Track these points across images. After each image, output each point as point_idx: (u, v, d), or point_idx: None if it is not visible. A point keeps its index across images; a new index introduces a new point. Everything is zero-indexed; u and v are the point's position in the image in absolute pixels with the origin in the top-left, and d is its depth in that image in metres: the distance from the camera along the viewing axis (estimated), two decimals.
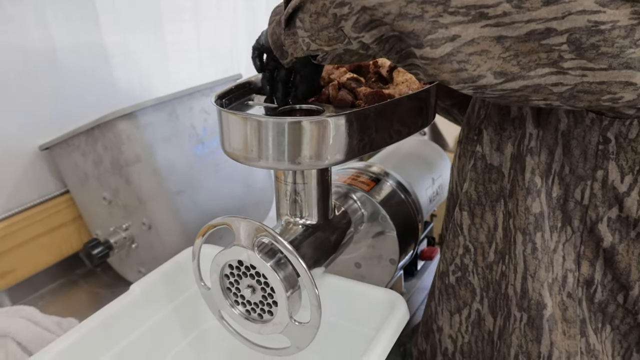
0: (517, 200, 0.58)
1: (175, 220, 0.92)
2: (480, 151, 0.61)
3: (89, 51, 1.04)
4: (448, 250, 0.67)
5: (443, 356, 0.71)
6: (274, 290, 0.62)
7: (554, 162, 0.56)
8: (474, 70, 0.45)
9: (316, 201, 0.70)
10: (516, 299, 0.60)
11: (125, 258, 0.99)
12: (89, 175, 0.95)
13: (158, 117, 0.92)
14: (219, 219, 0.64)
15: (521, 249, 0.59)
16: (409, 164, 0.90)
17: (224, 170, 1.01)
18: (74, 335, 0.65)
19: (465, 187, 0.63)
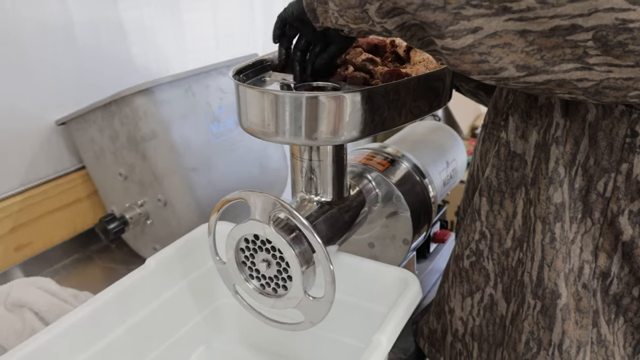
0: (539, 189, 0.58)
1: (190, 197, 0.92)
2: (504, 138, 0.61)
3: (106, 27, 1.04)
4: (464, 235, 0.67)
5: (453, 337, 0.71)
6: (289, 265, 0.62)
7: (579, 152, 0.56)
8: (495, 62, 0.45)
9: (331, 179, 0.70)
10: (531, 287, 0.60)
11: (140, 234, 1.00)
12: (105, 150, 0.96)
13: (174, 93, 0.92)
14: (234, 194, 0.64)
15: (540, 238, 0.58)
16: (423, 147, 0.90)
17: (239, 150, 1.01)
18: (90, 307, 0.66)
19: (487, 173, 0.63)
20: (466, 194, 0.72)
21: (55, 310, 0.72)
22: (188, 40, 1.21)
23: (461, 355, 0.70)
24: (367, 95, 0.59)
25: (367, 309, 0.73)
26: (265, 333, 0.83)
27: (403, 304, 0.64)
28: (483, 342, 0.67)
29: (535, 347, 0.61)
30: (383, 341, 0.59)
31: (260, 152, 1.07)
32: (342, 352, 0.77)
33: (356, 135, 0.61)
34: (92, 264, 1.03)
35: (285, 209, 0.59)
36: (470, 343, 0.69)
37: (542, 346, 0.60)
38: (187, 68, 0.96)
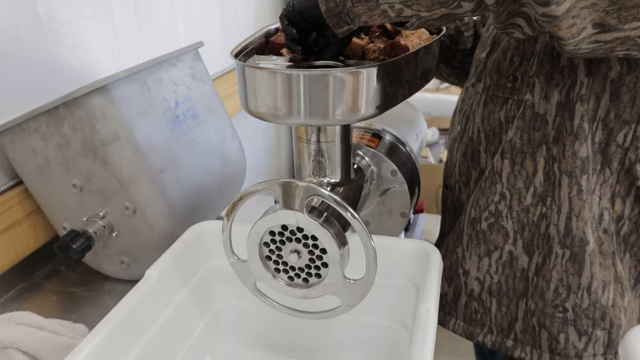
0: (564, 146, 0.61)
1: (162, 201, 0.85)
2: (530, 99, 0.63)
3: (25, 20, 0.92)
4: (483, 198, 0.68)
5: (468, 297, 0.73)
6: (324, 251, 0.60)
7: (600, 108, 0.60)
8: (580, 23, 0.47)
9: (340, 160, 0.68)
10: (559, 237, 0.64)
11: (102, 249, 0.91)
12: (52, 161, 0.85)
13: (131, 90, 0.84)
14: (258, 185, 0.60)
15: (566, 191, 0.62)
16: (399, 122, 0.90)
17: (200, 145, 0.95)
18: (103, 331, 0.59)
19: (510, 135, 0.65)
20: (463, 157, 0.74)
21: (47, 346, 0.63)
22: (118, 37, 1.12)
23: (477, 313, 0.73)
24: (387, 68, 0.58)
25: (383, 285, 0.73)
26: (266, 330, 0.80)
27: (434, 273, 0.65)
28: (502, 296, 0.70)
29: (565, 292, 0.65)
30: (432, 309, 0.59)
31: (219, 145, 1.01)
32: (359, 333, 0.76)
33: (373, 112, 0.60)
34: (44, 291, 0.92)
35: (319, 192, 0.57)
36: (487, 300, 0.71)
37: (572, 290, 0.65)
38: (117, 66, 0.88)
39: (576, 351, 0.67)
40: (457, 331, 0.76)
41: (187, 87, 0.97)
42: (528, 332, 0.70)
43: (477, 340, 0.74)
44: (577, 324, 0.66)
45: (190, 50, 0.98)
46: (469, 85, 0.75)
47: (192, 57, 1.01)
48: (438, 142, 2.02)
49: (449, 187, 0.80)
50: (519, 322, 0.70)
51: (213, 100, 1.04)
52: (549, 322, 0.68)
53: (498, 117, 0.68)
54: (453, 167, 0.78)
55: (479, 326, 0.74)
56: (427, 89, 2.26)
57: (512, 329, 0.71)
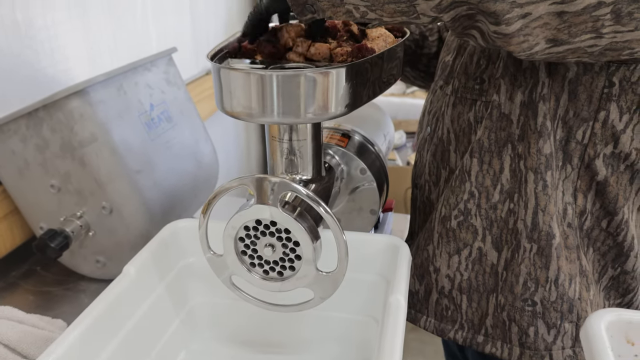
0: (528, 143, 0.65)
1: (138, 201, 0.87)
2: (497, 100, 0.67)
3: (2, 28, 0.93)
4: (453, 196, 0.72)
5: (439, 294, 0.76)
6: (297, 244, 0.63)
7: (559, 107, 0.64)
8: (533, 40, 0.51)
9: (311, 157, 0.71)
10: (526, 232, 0.67)
11: (78, 249, 0.92)
12: (31, 162, 0.86)
13: (108, 93, 0.86)
14: (233, 182, 0.62)
15: (532, 187, 0.66)
16: (366, 122, 0.94)
17: (174, 147, 0.98)
18: (82, 325, 0.61)
19: (479, 135, 0.69)
20: (433, 157, 0.78)
21: (28, 339, 0.65)
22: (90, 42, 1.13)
23: (448, 310, 0.76)
24: (355, 69, 0.62)
25: (354, 280, 0.76)
26: (240, 326, 0.83)
27: (403, 265, 0.68)
28: (473, 292, 0.73)
29: (533, 285, 0.68)
30: (401, 300, 0.62)
31: (192, 147, 1.04)
32: (331, 328, 0.79)
33: (343, 111, 0.63)
34: (21, 290, 0.93)
35: (293, 188, 0.60)
36: (458, 296, 0.74)
37: (540, 284, 0.68)
38: (92, 69, 0.90)
39: (545, 344, 0.70)
40: (429, 328, 0.79)
41: (161, 91, 0.99)
42: (498, 327, 0.73)
43: (449, 336, 0.76)
44: (546, 317, 0.69)
45: (164, 55, 1.01)
46: (437, 87, 0.79)
47: (166, 62, 1.03)
48: (405, 145, 2.07)
49: (418, 186, 0.83)
50: (490, 317, 0.73)
51: (186, 104, 1.06)
52: (519, 315, 0.70)
53: (467, 118, 0.72)
54: (423, 167, 0.81)
55: (450, 323, 0.76)
56: (394, 93, 2.32)
57: (483, 325, 0.74)
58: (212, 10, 1.67)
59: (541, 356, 0.70)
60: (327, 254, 0.66)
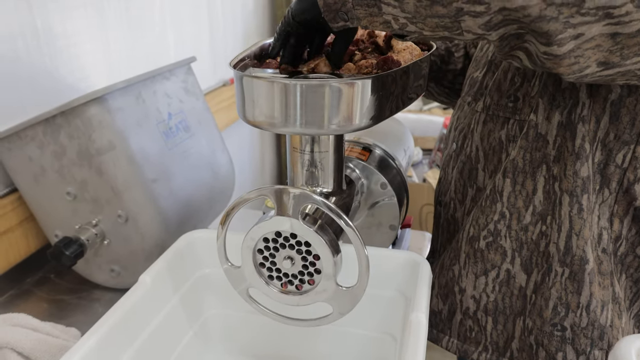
0: (565, 165, 0.63)
1: (154, 210, 0.86)
2: (534, 120, 0.65)
3: (22, 36, 0.94)
4: (482, 216, 0.70)
5: (463, 315, 0.74)
6: (317, 258, 0.61)
7: (599, 130, 0.62)
8: (584, 62, 0.50)
9: (333, 170, 0.70)
10: (558, 256, 0.65)
11: (93, 257, 0.91)
12: (47, 169, 0.86)
13: (126, 101, 0.86)
14: (253, 192, 0.61)
15: (567, 210, 0.64)
16: (387, 137, 0.93)
17: (191, 157, 0.97)
18: (97, 334, 0.60)
19: (513, 154, 0.67)
20: (460, 174, 0.76)
21: (42, 347, 0.64)
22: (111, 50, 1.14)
23: (472, 331, 0.74)
24: (381, 81, 0.61)
25: (372, 296, 0.74)
26: (254, 340, 0.81)
27: (424, 283, 0.66)
28: (499, 315, 0.71)
29: (564, 310, 0.66)
30: (422, 318, 0.61)
31: (209, 157, 1.03)
32: (348, 344, 0.77)
33: (367, 123, 0.62)
34: (35, 298, 0.92)
35: (315, 200, 0.59)
36: (483, 318, 0.72)
37: (571, 309, 0.66)
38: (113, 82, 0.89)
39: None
40: (451, 349, 0.77)
41: (179, 100, 0.99)
42: (525, 351, 0.70)
43: (472, 358, 0.74)
44: (576, 343, 0.67)
45: (183, 64, 1.01)
46: (464, 103, 0.77)
47: (185, 71, 1.03)
48: (422, 161, 2.05)
49: (442, 204, 0.82)
50: (516, 340, 0.71)
51: (204, 114, 1.06)
52: (547, 340, 0.68)
53: (499, 136, 0.70)
54: (448, 184, 0.79)
55: (473, 344, 0.74)
56: (410, 109, 2.31)
57: (509, 347, 0.72)
58: (230, 22, 1.68)
59: None
60: (345, 268, 0.64)
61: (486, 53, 0.76)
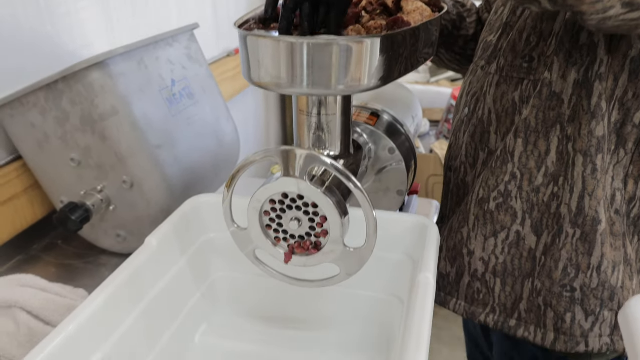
0: (579, 125, 0.62)
1: (159, 176, 0.86)
2: (548, 78, 0.64)
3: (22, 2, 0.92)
4: (493, 178, 0.69)
5: (471, 277, 0.74)
6: (325, 219, 0.61)
7: (617, 88, 0.61)
8: (608, 2, 0.48)
9: (340, 133, 0.69)
10: (570, 217, 0.65)
11: (99, 223, 0.91)
12: (51, 135, 0.85)
13: (128, 66, 0.85)
14: (258, 154, 0.61)
15: (580, 170, 0.63)
16: (395, 104, 0.92)
17: (195, 124, 0.96)
18: (104, 294, 0.60)
19: (525, 114, 0.66)
20: (471, 140, 0.75)
21: (51, 307, 0.64)
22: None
23: (480, 293, 0.74)
24: (390, 41, 0.59)
25: (380, 258, 0.74)
26: (261, 302, 0.81)
27: (432, 245, 0.66)
28: (507, 277, 0.71)
29: (574, 271, 0.66)
30: (430, 278, 0.61)
31: (214, 125, 1.02)
32: (354, 306, 0.78)
33: (375, 84, 0.61)
34: (43, 263, 0.93)
35: (322, 161, 0.58)
36: (491, 280, 0.72)
37: (581, 270, 0.66)
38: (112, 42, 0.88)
39: (582, 331, 0.68)
40: (458, 311, 0.77)
41: (183, 67, 0.98)
42: (533, 312, 0.70)
43: (479, 320, 0.74)
44: (585, 303, 0.67)
45: (186, 31, 0.99)
46: (477, 68, 0.76)
47: (188, 38, 1.02)
48: (429, 133, 2.04)
49: (452, 169, 0.81)
50: (524, 301, 0.71)
51: (208, 81, 1.05)
52: (556, 301, 0.68)
53: (512, 98, 0.69)
54: (459, 149, 0.79)
55: (481, 306, 0.74)
56: (418, 81, 2.28)
57: (516, 309, 0.72)
58: None
59: (577, 342, 0.68)
60: (353, 231, 0.64)
61: (501, 16, 0.74)
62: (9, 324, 0.62)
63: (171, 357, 0.71)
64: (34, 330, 0.62)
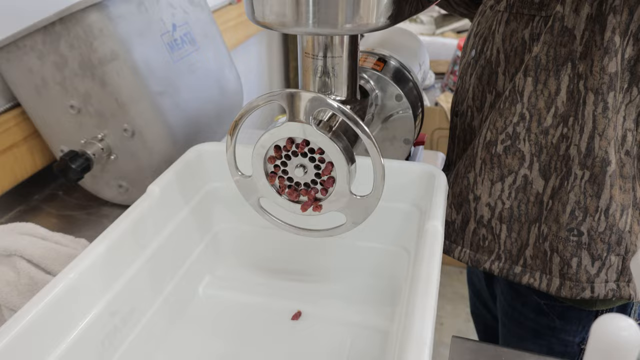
0: (592, 61, 0.59)
1: (161, 124, 0.84)
2: (560, 11, 0.61)
3: None
4: (501, 119, 0.67)
5: (477, 224, 0.73)
6: (332, 165, 0.59)
7: (632, 22, 0.57)
8: None
9: (346, 77, 0.66)
10: (579, 158, 0.63)
11: (100, 173, 0.90)
12: (49, 81, 0.83)
13: (128, 9, 0.81)
14: (262, 98, 0.58)
15: (591, 109, 0.60)
16: (402, 50, 0.89)
17: (198, 72, 0.93)
18: (106, 241, 0.58)
19: (536, 51, 0.63)
20: (478, 82, 0.73)
21: (51, 255, 0.63)
22: None
23: (485, 240, 0.73)
24: None
25: (386, 208, 0.72)
26: (265, 254, 0.80)
27: (440, 193, 0.64)
28: (513, 222, 0.70)
29: (581, 215, 0.64)
30: (438, 226, 0.59)
31: (217, 73, 0.99)
32: (360, 257, 0.77)
33: (384, 23, 0.58)
34: (43, 214, 0.92)
35: (329, 104, 0.56)
36: (497, 226, 0.71)
37: (589, 213, 0.64)
38: None
39: (588, 276, 0.67)
40: (463, 259, 0.76)
41: (184, 11, 0.94)
42: (539, 258, 0.69)
43: (484, 267, 0.73)
44: (592, 248, 0.66)
45: None
46: (486, 8, 0.73)
47: None
48: (434, 85, 2.00)
49: (459, 114, 0.79)
50: (530, 247, 0.70)
51: (210, 27, 1.01)
52: (562, 246, 0.67)
53: (522, 36, 0.66)
54: (465, 92, 0.76)
55: (486, 253, 0.73)
56: (423, 32, 2.23)
57: (522, 255, 0.71)
58: None
59: (582, 288, 0.67)
60: (358, 180, 0.62)
61: None
62: (9, 272, 0.61)
63: (174, 308, 0.71)
64: (34, 279, 0.61)
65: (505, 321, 0.84)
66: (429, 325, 0.46)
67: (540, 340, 0.78)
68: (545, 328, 0.77)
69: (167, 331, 0.69)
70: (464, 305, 2.00)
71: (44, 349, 0.51)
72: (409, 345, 0.44)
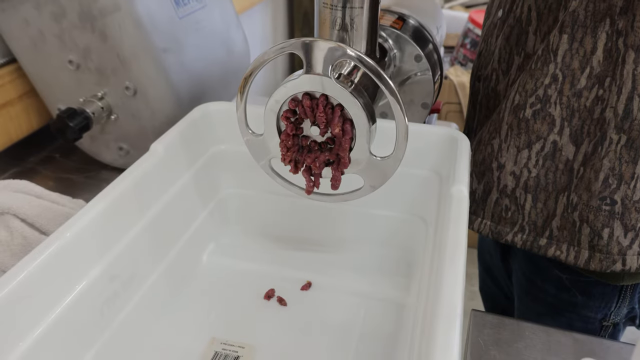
0: (633, 16, 0.55)
1: (164, 82, 0.79)
2: None
3: None
4: (531, 81, 0.62)
5: (500, 193, 0.69)
6: (351, 124, 0.55)
7: None
8: None
9: (366, 30, 0.62)
10: (616, 121, 0.58)
11: (99, 134, 0.85)
12: (46, 34, 0.78)
13: None
14: (271, 50, 0.53)
15: (631, 68, 0.56)
16: (419, 11, 0.84)
17: (204, 30, 0.88)
18: (105, 200, 0.54)
19: (574, 5, 0.58)
20: (506, 42, 0.68)
21: (47, 215, 0.59)
22: None
23: (508, 211, 0.69)
24: None
25: (403, 175, 0.68)
26: (273, 221, 0.76)
27: (463, 158, 0.60)
28: (540, 191, 0.66)
29: (615, 182, 0.60)
30: (464, 191, 0.55)
31: (223, 33, 0.94)
32: (373, 226, 0.73)
33: None
34: (40, 176, 0.87)
35: (350, 55, 0.51)
36: (522, 196, 0.67)
37: (624, 180, 0.60)
38: None
39: (620, 248, 0.63)
40: (484, 231, 0.72)
41: None
42: (566, 229, 0.65)
43: (506, 239, 0.69)
44: (625, 217, 0.62)
45: None
46: None
47: None
48: (443, 59, 1.95)
49: (482, 78, 0.74)
50: (557, 218, 0.66)
51: None
52: (593, 215, 0.63)
53: None
54: (490, 55, 0.72)
55: (508, 225, 0.69)
56: None
57: (548, 226, 0.67)
58: None
59: (613, 260, 0.63)
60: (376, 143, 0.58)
61: None
62: (1, 231, 0.56)
63: (177, 276, 0.67)
64: (28, 239, 0.57)
65: (522, 296, 0.80)
66: (459, 294, 0.43)
67: (559, 317, 0.74)
68: (565, 304, 0.73)
69: (169, 299, 0.65)
70: (467, 284, 1.98)
71: (37, 313, 0.47)
72: (439, 315, 0.41)
